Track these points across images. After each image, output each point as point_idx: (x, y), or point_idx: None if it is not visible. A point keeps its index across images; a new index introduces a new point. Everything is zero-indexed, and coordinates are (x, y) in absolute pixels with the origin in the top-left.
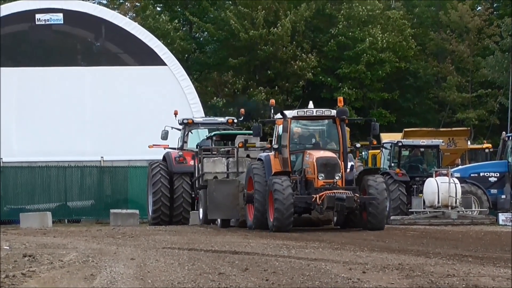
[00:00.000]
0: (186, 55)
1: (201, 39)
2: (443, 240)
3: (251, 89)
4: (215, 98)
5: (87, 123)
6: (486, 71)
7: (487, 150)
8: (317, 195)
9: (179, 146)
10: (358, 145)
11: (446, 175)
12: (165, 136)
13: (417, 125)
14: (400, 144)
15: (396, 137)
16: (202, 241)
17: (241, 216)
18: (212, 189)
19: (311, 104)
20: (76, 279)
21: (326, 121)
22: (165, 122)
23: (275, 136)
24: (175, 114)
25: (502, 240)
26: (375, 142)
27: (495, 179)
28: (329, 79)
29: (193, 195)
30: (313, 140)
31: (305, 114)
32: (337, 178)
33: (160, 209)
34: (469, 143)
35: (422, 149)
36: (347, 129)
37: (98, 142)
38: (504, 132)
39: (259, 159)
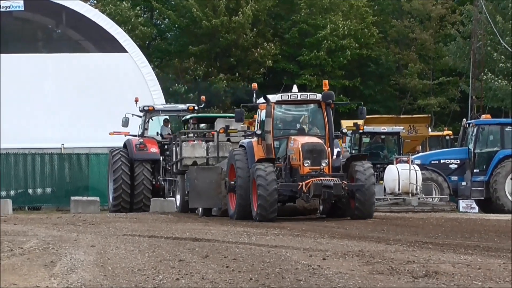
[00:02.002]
0: (147, 42)
1: (163, 26)
2: (404, 227)
3: (212, 76)
4: (176, 85)
5: (47, 110)
6: (448, 57)
7: (447, 137)
8: (303, 183)
9: (139, 133)
10: (344, 130)
11: (406, 162)
12: (125, 123)
13: (378, 112)
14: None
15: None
16: (162, 228)
17: (223, 204)
18: (193, 176)
19: (295, 88)
20: (36, 266)
21: (311, 106)
22: (126, 109)
23: (258, 122)
24: (136, 101)
25: (462, 227)
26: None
27: (456, 166)
28: (290, 65)
29: (153, 182)
30: (298, 126)
31: (289, 99)
32: (323, 164)
33: (121, 196)
34: (429, 130)
35: (383, 136)
36: None
37: (58, 129)
38: (464, 119)
39: (241, 146)
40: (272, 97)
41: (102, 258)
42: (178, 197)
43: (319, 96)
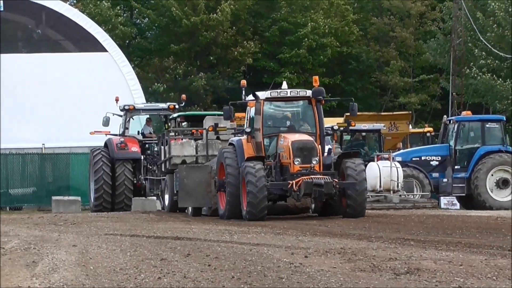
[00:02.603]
0: (127, 41)
1: (142, 25)
2: (385, 224)
3: (192, 75)
4: (156, 84)
5: (28, 110)
6: (428, 54)
7: (428, 134)
8: (293, 181)
9: (120, 132)
10: (335, 127)
11: (387, 159)
12: (106, 122)
13: (359, 110)
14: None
15: (337, 121)
16: (144, 227)
17: (213, 204)
18: (183, 175)
19: (285, 85)
20: (18, 266)
21: (301, 102)
22: (107, 109)
23: (247, 119)
24: (116, 100)
25: (444, 224)
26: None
27: (437, 162)
28: (271, 63)
29: (135, 182)
30: (288, 123)
31: (279, 95)
32: (314, 162)
33: (102, 196)
34: (410, 127)
35: (363, 133)
36: None
37: (39, 129)
38: (445, 116)
39: (231, 144)
40: (262, 94)
41: (84, 257)
42: (167, 196)
43: (309, 93)
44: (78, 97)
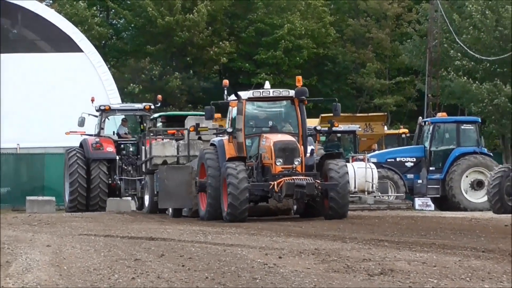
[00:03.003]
0: (103, 42)
1: (119, 25)
2: (359, 225)
3: (168, 75)
4: (132, 84)
5: (3, 110)
6: (404, 56)
7: (403, 135)
8: (275, 182)
9: (96, 132)
10: (318, 127)
11: (362, 160)
12: (82, 123)
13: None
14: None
15: (313, 122)
16: (118, 228)
17: (194, 205)
18: (163, 176)
19: (267, 84)
20: None
21: (284, 102)
22: (82, 109)
23: (229, 119)
24: (92, 100)
25: (418, 225)
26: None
27: (412, 164)
28: (247, 64)
29: (110, 182)
30: (270, 123)
31: (261, 95)
32: (296, 163)
33: (77, 195)
34: (385, 128)
35: (339, 135)
36: None
37: (14, 130)
38: (420, 117)
39: (212, 144)
40: (244, 94)
41: (58, 257)
42: (147, 197)
43: (292, 93)
44: (54, 97)
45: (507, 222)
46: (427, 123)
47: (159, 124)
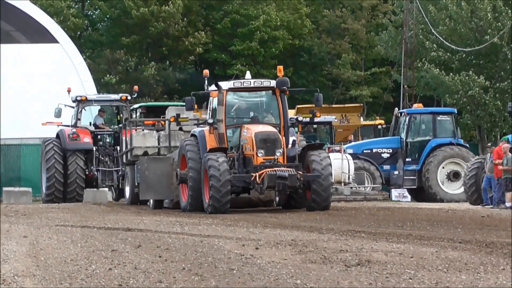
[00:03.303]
0: (79, 33)
1: (94, 16)
2: (336, 216)
3: (143, 65)
4: (107, 75)
5: None
6: (380, 47)
7: (379, 127)
8: (257, 174)
9: (72, 123)
10: (300, 118)
11: (339, 151)
12: (58, 113)
13: (310, 102)
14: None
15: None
16: (95, 219)
17: (175, 196)
18: (144, 167)
19: (248, 75)
20: None
21: (265, 93)
22: (58, 100)
23: (210, 110)
24: (68, 91)
25: (394, 216)
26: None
27: (388, 155)
28: (222, 55)
29: (87, 173)
30: (251, 114)
31: (242, 86)
32: (278, 154)
33: (54, 186)
34: (362, 119)
35: (315, 126)
36: None
37: None
38: (396, 108)
39: (193, 135)
40: (224, 84)
41: (35, 248)
42: (127, 189)
43: (273, 83)
44: (29, 88)
45: (484, 213)
46: (403, 114)
47: (138, 115)
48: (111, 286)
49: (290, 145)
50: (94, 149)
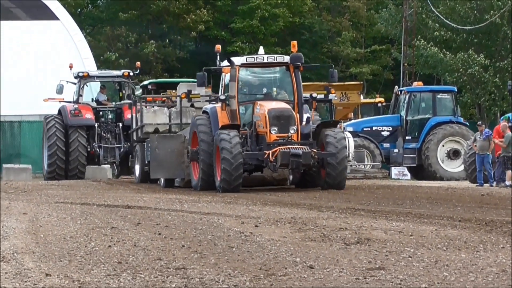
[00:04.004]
0: (79, 10)
1: None
2: (336, 194)
3: (143, 42)
4: (108, 52)
5: None
6: (380, 24)
7: (379, 104)
8: (270, 151)
9: (74, 99)
10: (314, 94)
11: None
12: (60, 90)
13: (311, 80)
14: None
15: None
16: (94, 196)
17: (186, 175)
18: (154, 145)
19: (261, 50)
20: None
21: (278, 69)
22: (58, 77)
23: (222, 86)
24: (70, 67)
25: (394, 194)
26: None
27: (388, 133)
28: (222, 33)
29: (88, 149)
30: (265, 90)
31: (255, 61)
32: (291, 132)
33: (56, 163)
34: (361, 97)
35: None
36: None
37: None
38: (396, 86)
39: (205, 112)
40: (237, 60)
41: (34, 225)
42: (137, 167)
43: (287, 58)
44: (29, 65)
45: (483, 192)
46: (403, 92)
47: (138, 92)
48: (110, 263)
49: (304, 122)
50: (96, 125)
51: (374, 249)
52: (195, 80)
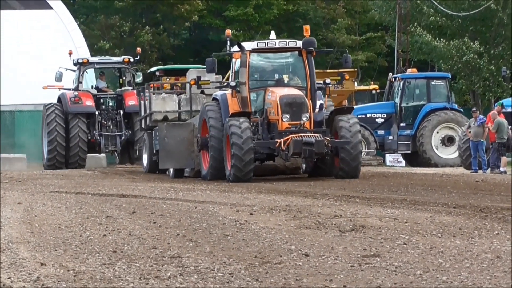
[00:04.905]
0: None
1: None
2: (330, 181)
3: (138, 31)
4: (101, 41)
5: None
6: (374, 11)
7: (374, 91)
8: (282, 139)
9: (74, 87)
10: (328, 80)
11: None
12: (59, 78)
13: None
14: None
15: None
16: (89, 185)
17: (196, 164)
18: (163, 134)
19: (273, 35)
20: None
21: (290, 54)
22: (52, 66)
23: (232, 72)
24: (70, 54)
25: (389, 181)
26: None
27: (382, 120)
28: (216, 21)
29: (89, 137)
30: (276, 76)
31: (266, 46)
32: (304, 119)
33: (56, 150)
34: (356, 84)
35: None
36: None
37: None
38: (391, 73)
39: (214, 99)
40: (248, 45)
41: (29, 215)
42: (145, 156)
43: (299, 43)
44: (23, 54)
45: (478, 178)
46: (397, 79)
47: (138, 80)
48: (105, 252)
49: (317, 109)
50: (97, 113)
51: (369, 236)
52: (205, 66)
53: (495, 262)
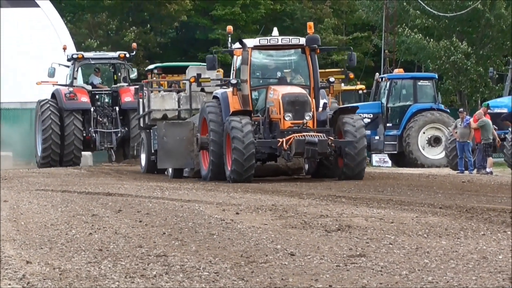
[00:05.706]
0: None
1: None
2: (317, 181)
3: (124, 29)
4: (89, 39)
5: None
6: (361, 11)
7: (360, 92)
8: (284, 139)
9: (68, 82)
10: (332, 79)
11: None
12: (52, 73)
13: None
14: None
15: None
16: (75, 183)
17: (196, 164)
18: (162, 133)
19: (275, 31)
20: None
21: (293, 51)
22: (39, 64)
23: (233, 69)
24: (64, 49)
25: (375, 181)
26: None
27: (369, 120)
28: (204, 20)
29: (84, 134)
30: (279, 74)
31: (268, 43)
32: (307, 118)
33: (51, 148)
34: (343, 84)
35: None
36: None
37: None
38: (377, 73)
39: (215, 97)
40: (249, 42)
41: (15, 213)
42: (143, 156)
43: (302, 40)
44: (9, 53)
45: (464, 179)
46: (384, 79)
47: (133, 75)
48: (91, 251)
49: (320, 108)
50: (92, 109)
51: (355, 236)
52: (205, 63)
53: (481, 262)
